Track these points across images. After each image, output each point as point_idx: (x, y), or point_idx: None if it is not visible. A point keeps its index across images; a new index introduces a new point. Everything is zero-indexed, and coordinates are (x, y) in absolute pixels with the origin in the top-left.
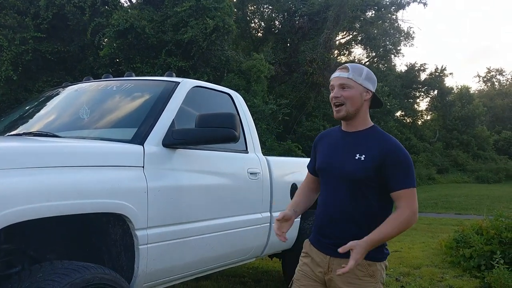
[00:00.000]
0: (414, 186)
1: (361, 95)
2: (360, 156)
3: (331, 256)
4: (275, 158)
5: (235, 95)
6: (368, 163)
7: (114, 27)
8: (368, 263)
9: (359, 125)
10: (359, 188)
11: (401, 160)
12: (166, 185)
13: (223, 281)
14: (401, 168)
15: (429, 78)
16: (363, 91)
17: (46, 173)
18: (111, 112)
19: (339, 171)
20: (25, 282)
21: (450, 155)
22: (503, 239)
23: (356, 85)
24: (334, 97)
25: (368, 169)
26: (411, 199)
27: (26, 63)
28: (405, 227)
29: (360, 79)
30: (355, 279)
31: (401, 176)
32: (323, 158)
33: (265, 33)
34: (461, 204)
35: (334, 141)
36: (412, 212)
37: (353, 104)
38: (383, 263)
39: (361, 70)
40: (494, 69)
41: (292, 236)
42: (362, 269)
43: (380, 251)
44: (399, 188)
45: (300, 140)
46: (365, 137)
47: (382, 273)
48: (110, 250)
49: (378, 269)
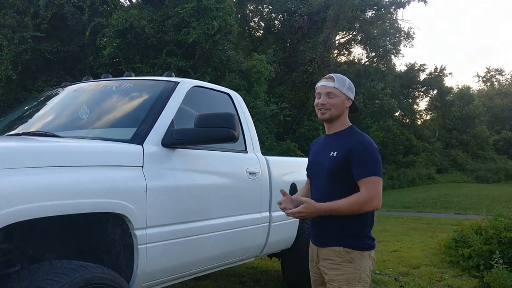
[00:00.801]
0: (375, 175)
1: (343, 102)
2: (333, 153)
3: (318, 246)
4: (274, 158)
5: (234, 95)
6: (337, 158)
7: (113, 27)
8: (346, 250)
9: (339, 127)
10: (334, 181)
11: (361, 152)
12: (165, 185)
13: (222, 280)
14: (362, 159)
15: (429, 78)
16: (345, 99)
17: (45, 172)
18: (110, 111)
19: (319, 169)
20: (25, 282)
21: (449, 155)
22: (502, 239)
23: (340, 94)
24: (321, 104)
25: (337, 163)
26: (371, 185)
27: (26, 62)
28: (358, 208)
29: (344, 88)
30: (335, 264)
31: (363, 166)
32: (309, 161)
33: (264, 33)
34: (460, 204)
35: (320, 145)
36: (369, 196)
37: (337, 110)
38: (366, 253)
39: (345, 81)
40: (493, 69)
41: (291, 236)
42: (340, 255)
43: (358, 240)
44: (361, 177)
45: (299, 140)
46: (341, 136)
47: (364, 262)
48: (109, 250)
49: (358, 257)
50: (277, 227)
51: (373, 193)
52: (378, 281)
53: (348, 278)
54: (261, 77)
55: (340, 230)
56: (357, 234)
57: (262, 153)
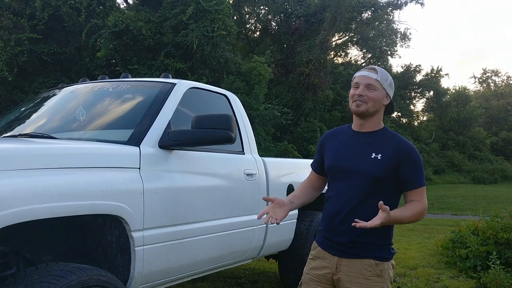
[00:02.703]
0: (425, 185)
1: (382, 99)
2: (377, 155)
3: (339, 256)
4: (271, 159)
5: (232, 96)
6: (385, 162)
7: (109, 28)
8: (376, 262)
9: (373, 126)
10: (374, 186)
11: (415, 159)
12: (162, 187)
13: (220, 282)
14: (415, 167)
15: (425, 79)
16: (385, 96)
17: (41, 174)
18: (107, 113)
19: (353, 170)
20: (21, 284)
21: (446, 156)
22: (499, 240)
23: (381, 89)
24: (359, 95)
25: (384, 167)
26: (423, 196)
27: (22, 64)
28: (418, 218)
29: (385, 84)
30: (363, 279)
31: (416, 175)
32: (334, 157)
33: (261, 34)
34: (457, 205)
35: (345, 140)
36: (425, 206)
37: (374, 105)
38: (390, 262)
39: (387, 75)
40: (489, 70)
41: (288, 237)
42: (369, 269)
43: (387, 251)
44: (415, 187)
45: (296, 141)
46: (378, 138)
47: (390, 272)
48: (106, 252)
49: (386, 268)
50: (274, 228)
51: (426, 203)
52: None
53: None
54: (262, 80)
55: (370, 240)
56: (385, 243)
57: (259, 155)
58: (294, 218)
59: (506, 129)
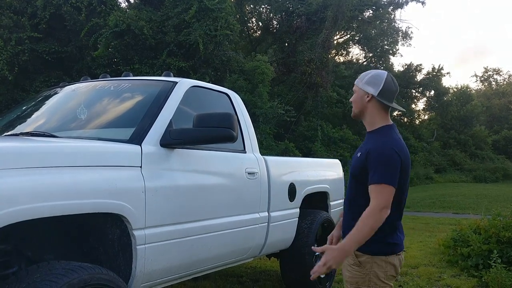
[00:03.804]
0: (381, 183)
1: (361, 98)
2: (357, 154)
3: None
4: (273, 158)
5: (233, 95)
6: (360, 159)
7: (110, 28)
8: (356, 253)
9: (368, 126)
10: (356, 185)
11: (375, 157)
12: (163, 185)
13: (221, 281)
14: (373, 164)
15: (426, 78)
16: (363, 95)
17: (43, 173)
18: (108, 112)
19: (350, 168)
20: (23, 283)
21: (447, 155)
22: (501, 238)
23: (358, 90)
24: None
25: (359, 166)
26: (375, 194)
27: (23, 63)
28: (371, 225)
29: (361, 83)
30: (348, 265)
31: (374, 170)
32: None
33: (262, 33)
34: (458, 204)
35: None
36: (373, 207)
37: (356, 107)
38: (378, 257)
39: (365, 75)
40: (491, 68)
41: (289, 236)
42: (352, 257)
43: (371, 246)
44: (371, 183)
45: (298, 140)
46: (370, 137)
47: (375, 267)
48: (107, 250)
49: (368, 261)
50: (276, 227)
51: (377, 203)
52: None
53: (357, 282)
54: (266, 79)
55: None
56: (373, 238)
57: (261, 153)
58: (296, 217)
59: (508, 127)
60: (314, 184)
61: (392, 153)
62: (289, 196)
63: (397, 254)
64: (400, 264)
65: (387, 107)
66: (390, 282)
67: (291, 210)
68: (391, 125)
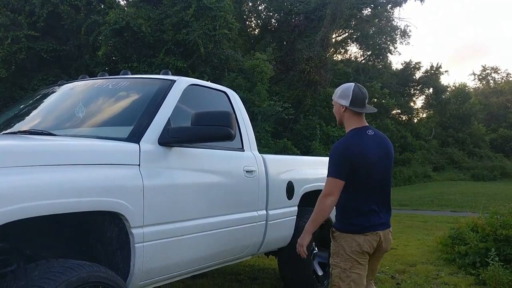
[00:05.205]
0: (328, 176)
1: (339, 110)
2: None
3: None
4: (271, 156)
5: (231, 93)
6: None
7: (109, 25)
8: (331, 229)
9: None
10: None
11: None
12: (162, 183)
13: (219, 278)
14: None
15: (424, 76)
16: (339, 107)
17: (41, 171)
18: (106, 110)
19: None
20: (21, 281)
21: (445, 153)
22: (498, 236)
23: (335, 103)
24: None
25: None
26: (324, 185)
27: (20, 61)
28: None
29: (335, 97)
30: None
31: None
32: None
33: (261, 32)
34: (456, 202)
35: None
36: (320, 195)
37: (337, 117)
38: (345, 234)
39: (337, 90)
40: (489, 67)
41: (287, 234)
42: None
43: (338, 223)
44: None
45: (296, 138)
46: None
47: (343, 242)
48: (106, 249)
49: (338, 236)
50: (274, 225)
51: (323, 193)
52: (375, 279)
53: (332, 251)
54: (264, 77)
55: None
56: (338, 219)
57: (259, 152)
58: (294, 215)
59: (505, 126)
60: (312, 182)
61: (336, 152)
62: (287, 194)
63: (363, 234)
64: (370, 244)
65: (359, 112)
66: (355, 257)
67: (289, 208)
68: (359, 128)
